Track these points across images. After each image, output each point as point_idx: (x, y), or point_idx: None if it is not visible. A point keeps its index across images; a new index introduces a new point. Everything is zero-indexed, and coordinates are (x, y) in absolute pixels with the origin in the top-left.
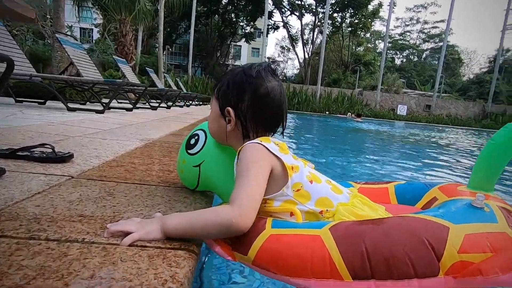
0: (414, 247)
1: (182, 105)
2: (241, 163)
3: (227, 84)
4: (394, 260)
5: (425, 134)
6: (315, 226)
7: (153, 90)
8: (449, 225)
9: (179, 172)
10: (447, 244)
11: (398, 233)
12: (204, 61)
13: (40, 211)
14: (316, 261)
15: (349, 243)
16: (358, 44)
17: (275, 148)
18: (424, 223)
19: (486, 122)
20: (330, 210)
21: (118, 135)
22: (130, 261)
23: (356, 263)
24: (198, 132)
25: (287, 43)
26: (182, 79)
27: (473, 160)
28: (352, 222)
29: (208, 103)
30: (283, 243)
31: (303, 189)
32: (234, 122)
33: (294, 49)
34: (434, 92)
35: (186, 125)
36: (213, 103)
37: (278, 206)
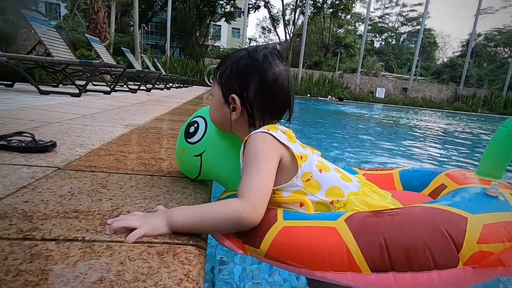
0: (434, 239)
1: (162, 87)
2: (248, 154)
3: (231, 68)
4: (414, 252)
5: (403, 116)
6: (329, 217)
7: (132, 72)
8: (467, 215)
9: (179, 162)
10: (466, 234)
11: (417, 224)
12: (183, 41)
13: (30, 207)
14: (333, 254)
15: (366, 235)
16: (339, 26)
17: (282, 136)
18: (442, 214)
19: (458, 105)
20: (341, 200)
21: (100, 120)
22: (139, 260)
23: (375, 255)
24: (197, 120)
25: (268, 23)
26: (160, 60)
27: (445, 141)
28: (367, 214)
29: (188, 85)
30: (297, 235)
31: (312, 179)
32: (240, 110)
33: (276, 30)
34: (411, 75)
35: (170, 109)
36: (215, 89)
37: (287, 197)
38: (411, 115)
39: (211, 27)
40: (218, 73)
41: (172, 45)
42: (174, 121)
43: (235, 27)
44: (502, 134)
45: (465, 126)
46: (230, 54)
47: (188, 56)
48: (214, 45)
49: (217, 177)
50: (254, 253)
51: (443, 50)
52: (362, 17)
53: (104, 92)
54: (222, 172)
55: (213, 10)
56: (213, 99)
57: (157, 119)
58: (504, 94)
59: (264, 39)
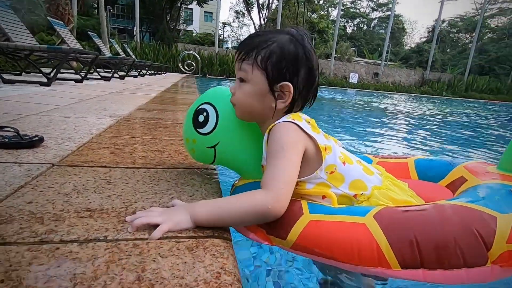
0: (464, 237)
1: (136, 75)
2: (273, 143)
3: (279, 54)
4: (444, 250)
5: (376, 101)
6: (357, 212)
7: (104, 58)
8: (496, 214)
9: (190, 151)
10: (496, 234)
11: (447, 222)
12: (153, 25)
13: (37, 208)
14: (363, 249)
15: (397, 231)
16: (313, 10)
17: (307, 126)
18: (472, 212)
19: (424, 89)
20: (364, 194)
21: (81, 111)
22: (171, 256)
23: (405, 252)
24: (206, 107)
25: (242, 7)
26: (129, 45)
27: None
28: (395, 209)
29: (162, 72)
30: (326, 230)
31: (336, 172)
32: (290, 99)
33: (250, 14)
34: (382, 61)
35: (150, 98)
36: (255, 76)
37: (310, 189)
38: (383, 99)
39: (183, 10)
40: (258, 58)
41: (141, 29)
42: (159, 110)
43: (207, 10)
44: None
45: (432, 108)
46: (264, 36)
47: (159, 41)
48: (186, 30)
49: (233, 166)
50: (279, 243)
51: (410, 36)
52: (334, 2)
53: (75, 81)
54: (237, 161)
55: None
56: (252, 87)
57: (140, 108)
58: (466, 78)
59: (238, 24)
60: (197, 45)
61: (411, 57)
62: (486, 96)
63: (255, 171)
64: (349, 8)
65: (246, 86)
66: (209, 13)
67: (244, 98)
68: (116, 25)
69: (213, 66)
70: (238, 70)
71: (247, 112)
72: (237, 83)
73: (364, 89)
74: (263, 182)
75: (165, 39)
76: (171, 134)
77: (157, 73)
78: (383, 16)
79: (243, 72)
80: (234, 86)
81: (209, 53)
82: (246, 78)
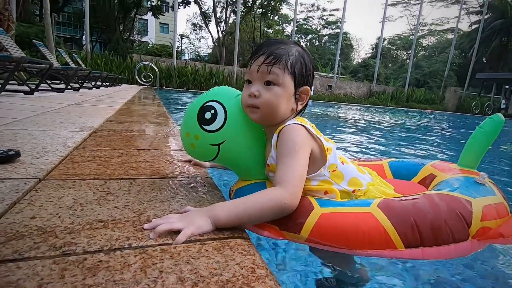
0: (451, 218)
1: (91, 86)
2: (284, 144)
3: (301, 62)
4: (438, 229)
5: (331, 110)
6: (361, 204)
7: (57, 68)
8: (471, 199)
9: (188, 146)
10: (473, 214)
11: (437, 207)
12: (104, 35)
13: (44, 222)
14: (372, 234)
15: (399, 217)
16: (269, 26)
17: (312, 129)
18: (453, 199)
19: (372, 100)
20: (361, 189)
21: (45, 124)
22: (203, 257)
23: (408, 233)
24: (214, 105)
25: (199, 20)
26: (79, 55)
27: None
28: (393, 200)
29: (116, 84)
30: (338, 220)
31: (337, 170)
32: (306, 101)
33: (207, 27)
34: (334, 74)
35: (115, 109)
36: (286, 80)
37: (315, 185)
38: (337, 109)
39: (137, 21)
40: (288, 63)
41: (91, 38)
42: (130, 122)
43: (163, 22)
44: (479, 133)
45: (378, 117)
46: (283, 44)
47: (112, 52)
48: (141, 41)
49: (234, 165)
50: (294, 238)
51: (357, 51)
52: (288, 19)
53: (25, 92)
54: (240, 161)
55: (139, 2)
56: (283, 89)
57: (110, 120)
58: (406, 90)
59: (196, 36)
60: (154, 57)
61: (359, 71)
62: (423, 106)
63: (256, 172)
64: (302, 25)
65: (277, 89)
66: (165, 24)
67: (274, 99)
68: (62, 34)
69: (171, 78)
70: (265, 73)
71: (271, 114)
72: (261, 86)
73: (320, 101)
74: (277, 179)
75: (118, 49)
76: (154, 145)
77: (112, 84)
78: (333, 33)
79: (274, 75)
80: (257, 88)
81: (167, 64)
82: (277, 81)
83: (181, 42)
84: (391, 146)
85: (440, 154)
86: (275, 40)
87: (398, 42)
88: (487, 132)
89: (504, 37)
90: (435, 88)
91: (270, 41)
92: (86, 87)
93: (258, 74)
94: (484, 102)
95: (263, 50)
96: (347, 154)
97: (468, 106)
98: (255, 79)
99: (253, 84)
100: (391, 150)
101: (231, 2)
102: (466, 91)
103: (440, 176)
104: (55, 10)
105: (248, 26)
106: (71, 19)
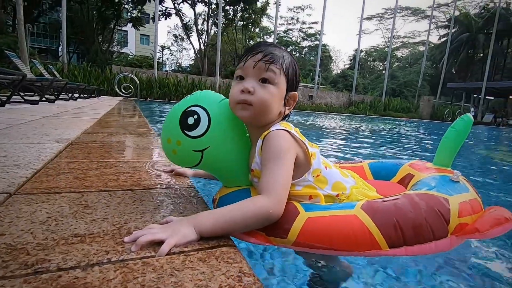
0: (431, 216)
1: (68, 98)
2: (270, 150)
3: (295, 67)
4: (419, 228)
5: (313, 119)
6: (345, 207)
7: (31, 80)
8: (448, 197)
9: (169, 152)
10: (450, 212)
11: (417, 206)
12: (82, 46)
13: (14, 239)
14: (358, 236)
15: (382, 218)
16: (250, 38)
17: (296, 135)
18: (432, 197)
19: (352, 109)
20: (345, 193)
21: (17, 137)
22: (187, 269)
23: (391, 234)
24: (197, 110)
25: (180, 31)
26: (55, 66)
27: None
28: (375, 201)
29: (94, 96)
30: (324, 224)
31: (321, 175)
32: (293, 107)
33: (189, 39)
34: (315, 84)
35: (94, 121)
36: (281, 80)
37: (299, 190)
38: (319, 118)
39: (116, 32)
40: (283, 65)
41: (68, 50)
42: (109, 133)
43: (143, 33)
44: (452, 133)
45: (357, 124)
46: (278, 48)
47: (91, 63)
48: (121, 52)
49: (218, 171)
50: (281, 243)
51: (336, 62)
52: (269, 31)
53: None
54: (224, 167)
55: (118, 14)
56: (277, 89)
57: (88, 132)
58: (383, 100)
59: (177, 47)
60: (135, 68)
61: (338, 81)
62: (400, 114)
63: (240, 178)
64: (282, 37)
65: (272, 88)
66: (146, 35)
67: (269, 97)
68: (36, 45)
69: (152, 89)
70: (262, 70)
71: (263, 114)
72: (256, 83)
73: (302, 110)
74: (262, 187)
75: (97, 60)
76: (134, 157)
77: (90, 96)
78: (312, 45)
79: (271, 73)
80: (251, 85)
81: (148, 76)
82: (273, 80)
83: (162, 53)
84: (373, 149)
85: (419, 156)
86: (271, 43)
87: (374, 53)
88: (459, 132)
89: (470, 49)
90: (410, 97)
91: (266, 42)
92: (63, 99)
93: (254, 70)
94: (455, 110)
95: (261, 48)
96: (331, 158)
97: (441, 114)
98: (250, 75)
99: (246, 80)
100: (373, 153)
101: (212, 14)
102: (439, 99)
103: (418, 175)
104: (30, 20)
105: (230, 37)
106: (46, 30)
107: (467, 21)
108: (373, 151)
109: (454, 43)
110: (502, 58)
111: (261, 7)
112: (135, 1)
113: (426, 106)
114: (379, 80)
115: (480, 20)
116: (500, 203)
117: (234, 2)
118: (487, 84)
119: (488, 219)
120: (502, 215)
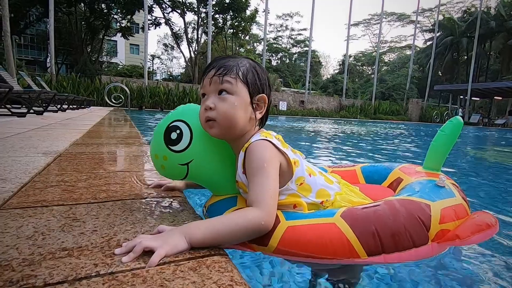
0: (411, 224)
1: (56, 110)
2: (254, 162)
3: (253, 71)
4: (398, 235)
5: (304, 124)
6: (325, 214)
7: (18, 92)
8: (430, 203)
9: (158, 167)
10: (431, 218)
11: (397, 213)
12: (71, 57)
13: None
14: (336, 244)
15: (361, 226)
16: (240, 45)
17: (278, 143)
18: (413, 203)
19: (343, 113)
20: (329, 200)
21: (3, 151)
22: (178, 279)
23: (370, 242)
24: (179, 125)
25: (171, 41)
26: (43, 77)
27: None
28: (356, 208)
29: (84, 106)
30: (303, 232)
31: (305, 183)
32: (265, 110)
33: (179, 47)
34: (305, 90)
35: (84, 132)
36: (239, 88)
37: (283, 200)
38: (310, 123)
39: (105, 42)
40: (239, 73)
41: (56, 61)
42: (99, 144)
43: (133, 43)
44: (441, 136)
45: (348, 128)
46: (233, 58)
47: (80, 74)
48: (111, 62)
49: (206, 182)
50: (261, 250)
51: (326, 68)
52: (259, 38)
53: None
54: (211, 178)
55: (107, 24)
56: (237, 98)
57: (77, 144)
58: (373, 103)
59: (168, 56)
60: (125, 77)
61: (329, 86)
62: (390, 117)
63: (227, 187)
64: (272, 44)
65: (231, 98)
66: (136, 45)
67: (230, 108)
68: (24, 56)
69: (143, 99)
70: (218, 83)
71: (230, 126)
72: (216, 97)
73: (293, 116)
74: (251, 200)
75: (86, 71)
76: (125, 167)
77: (80, 107)
78: (302, 51)
79: (227, 84)
80: (212, 101)
81: (138, 85)
82: (230, 89)
83: (152, 62)
84: (367, 153)
85: (412, 159)
86: (224, 56)
87: (362, 58)
88: (448, 135)
89: (455, 52)
90: (399, 100)
91: (219, 57)
92: (51, 110)
93: (211, 86)
94: (443, 111)
95: (213, 64)
96: (325, 162)
97: (430, 116)
98: (209, 92)
99: (207, 97)
100: (366, 156)
101: (202, 23)
102: (427, 101)
103: (406, 179)
104: (16, 32)
105: (220, 45)
106: (34, 41)
107: (451, 25)
108: (366, 154)
109: (439, 46)
110: (485, 60)
111: (250, 15)
112: (124, 11)
113: (415, 108)
114: (368, 84)
115: (463, 24)
116: (491, 204)
117: (224, 10)
118: (472, 86)
119: (469, 225)
120: (484, 221)
